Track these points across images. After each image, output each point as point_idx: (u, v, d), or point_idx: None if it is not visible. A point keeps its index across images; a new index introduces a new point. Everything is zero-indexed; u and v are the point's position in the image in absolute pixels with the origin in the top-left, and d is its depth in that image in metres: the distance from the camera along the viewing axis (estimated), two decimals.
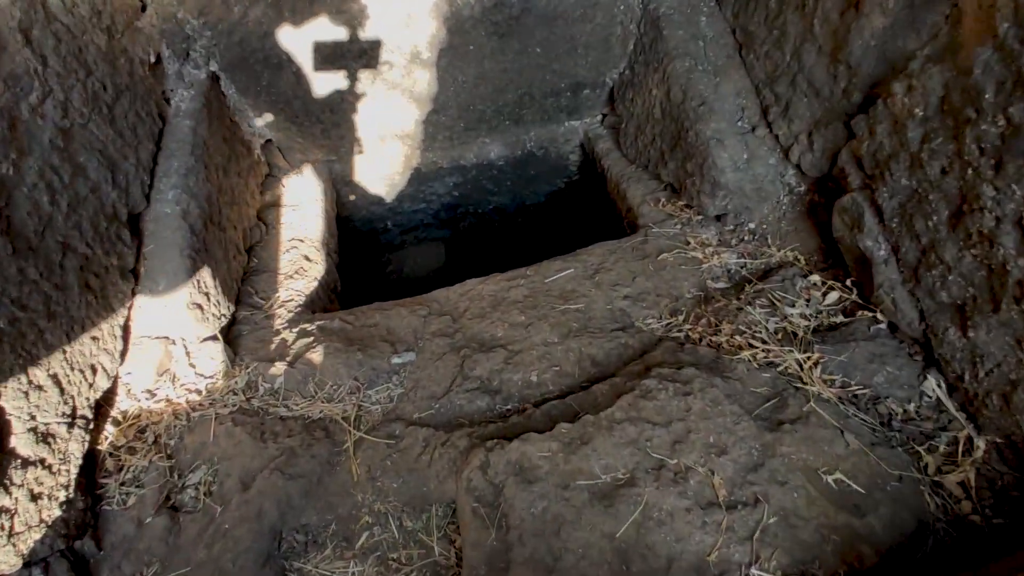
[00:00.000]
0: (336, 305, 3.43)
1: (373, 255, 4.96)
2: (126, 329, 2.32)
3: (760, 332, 2.20)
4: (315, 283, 3.14)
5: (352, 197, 4.16)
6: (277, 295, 2.99)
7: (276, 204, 3.59)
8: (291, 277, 3.11)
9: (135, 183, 2.43)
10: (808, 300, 2.31)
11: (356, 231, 4.52)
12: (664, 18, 2.95)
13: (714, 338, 2.26)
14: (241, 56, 2.91)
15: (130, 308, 2.34)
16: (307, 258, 3.28)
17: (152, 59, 2.68)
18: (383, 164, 3.91)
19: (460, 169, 4.11)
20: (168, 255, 2.44)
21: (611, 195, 3.64)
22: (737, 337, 2.21)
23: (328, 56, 3.00)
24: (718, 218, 2.82)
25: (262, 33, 2.86)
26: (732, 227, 2.76)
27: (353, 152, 3.75)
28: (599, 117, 3.97)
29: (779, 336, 2.18)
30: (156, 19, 2.72)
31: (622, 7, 3.15)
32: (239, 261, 3.01)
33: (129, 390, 2.34)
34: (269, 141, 3.52)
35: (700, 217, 2.87)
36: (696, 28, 2.92)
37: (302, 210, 3.55)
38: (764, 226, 2.68)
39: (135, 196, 2.43)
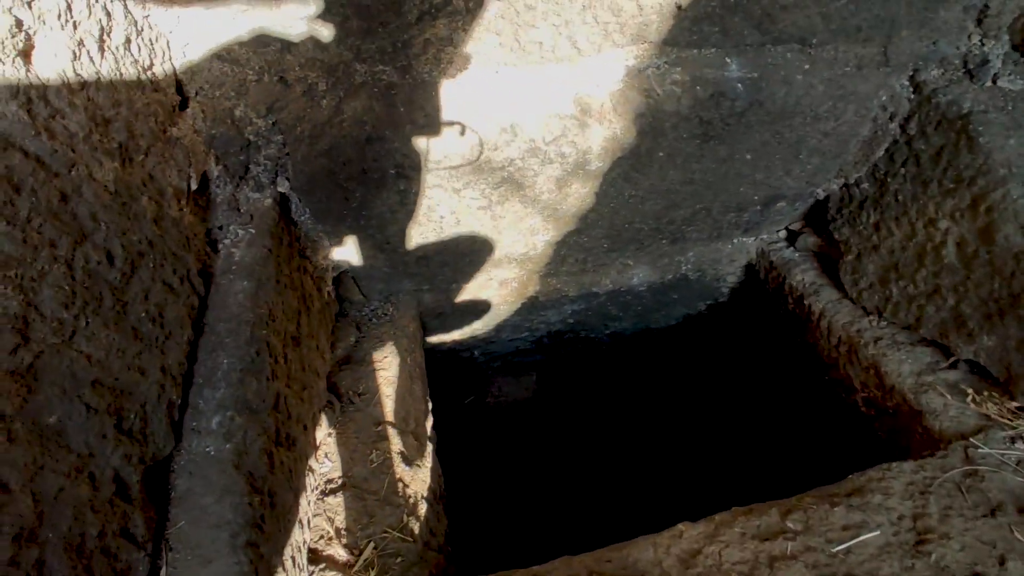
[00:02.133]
0: (443, 519, 2.31)
1: (448, 380, 3.86)
2: None
3: None
4: (423, 507, 2.04)
5: (440, 332, 3.09)
6: (368, 538, 1.88)
7: (351, 360, 2.51)
8: (386, 500, 2.00)
9: (157, 414, 1.36)
10: None
11: (436, 363, 3.44)
12: (977, 119, 1.91)
13: None
14: (327, 170, 1.87)
15: None
16: (404, 456, 2.18)
17: (194, 185, 1.64)
18: (489, 293, 2.86)
19: (588, 297, 3.05)
20: (210, 550, 1.34)
21: (824, 354, 2.55)
22: None
23: (457, 168, 1.97)
24: None
25: (363, 138, 1.83)
26: None
27: (453, 280, 2.70)
28: (781, 233, 2.93)
29: None
30: (202, 120, 1.70)
31: (884, 98, 2.13)
32: (310, 481, 1.92)
33: None
34: (344, 272, 2.47)
35: None
36: None
37: (388, 369, 2.47)
38: None
39: (157, 436, 1.35)
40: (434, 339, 3.15)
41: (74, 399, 1.12)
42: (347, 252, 2.30)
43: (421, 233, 2.28)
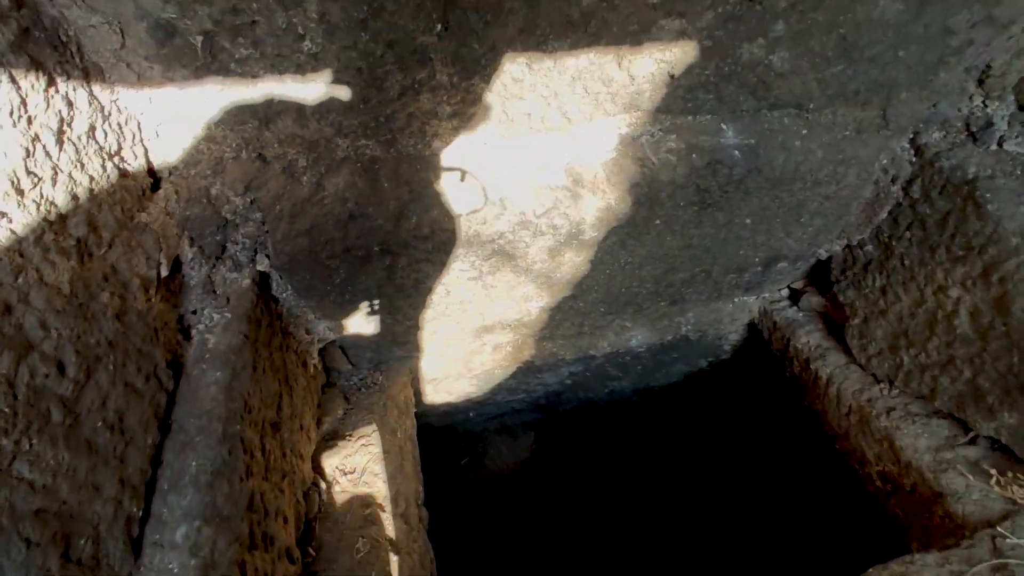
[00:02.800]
0: None
1: (442, 441, 3.72)
2: None
3: None
4: None
5: (433, 396, 2.97)
6: None
7: (338, 435, 2.38)
8: None
9: (112, 533, 1.23)
10: None
11: (429, 427, 3.32)
12: (983, 184, 1.84)
13: None
14: (308, 249, 1.79)
15: None
16: (393, 543, 2.03)
17: (164, 271, 1.54)
18: (482, 357, 2.75)
19: (586, 359, 2.94)
20: None
21: (834, 422, 2.43)
22: None
23: (445, 243, 1.89)
24: None
25: (346, 215, 1.75)
26: None
27: (445, 347, 2.59)
28: (783, 291, 2.84)
29: None
30: (175, 201, 1.62)
31: (886, 161, 2.07)
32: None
33: None
34: (332, 342, 2.37)
35: None
36: None
37: (377, 445, 2.34)
38: None
39: (112, 559, 1.23)
40: (427, 403, 3.02)
41: (12, 535, 1.00)
42: (333, 325, 2.20)
43: (410, 304, 2.19)
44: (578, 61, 1.64)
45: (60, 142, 1.22)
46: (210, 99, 1.53)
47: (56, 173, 1.19)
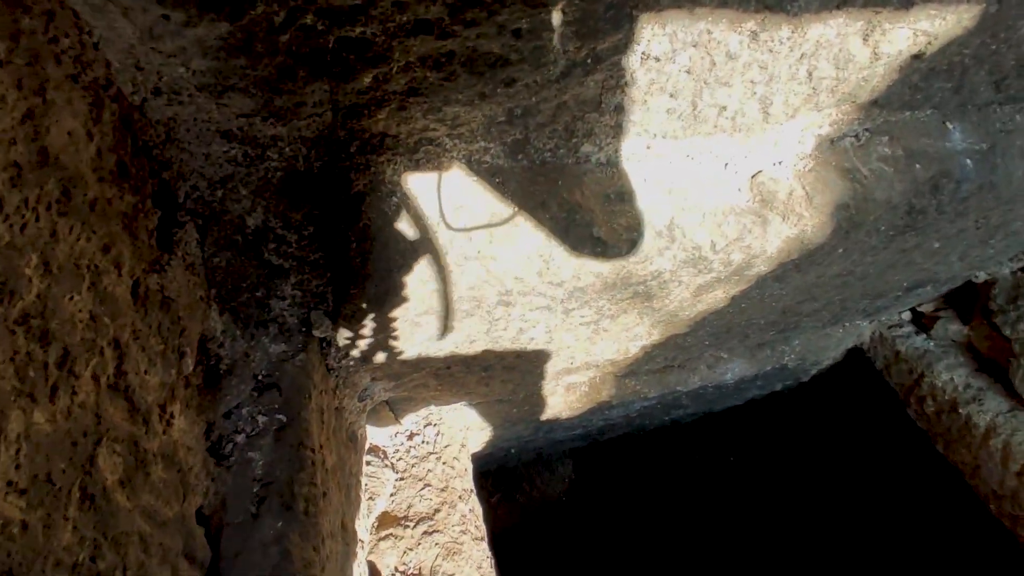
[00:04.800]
0: None
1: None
2: None
3: None
4: None
5: (479, 444, 2.43)
6: None
7: (389, 519, 1.82)
8: None
9: None
10: None
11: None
12: None
13: None
14: (392, 302, 1.19)
15: None
16: None
17: (188, 366, 0.93)
18: (553, 400, 2.22)
19: (665, 395, 2.44)
20: None
21: (994, 480, 2.01)
22: None
23: (581, 288, 1.32)
24: None
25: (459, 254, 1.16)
26: None
27: (513, 392, 2.04)
28: (904, 314, 2.40)
29: None
30: (196, 245, 0.99)
31: None
32: None
33: None
34: (383, 402, 1.79)
35: None
36: None
37: (443, 531, 1.80)
38: None
39: None
40: (472, 451, 2.48)
41: None
42: (393, 384, 1.62)
43: (498, 355, 1.62)
44: (824, 29, 1.08)
45: None
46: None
47: None
